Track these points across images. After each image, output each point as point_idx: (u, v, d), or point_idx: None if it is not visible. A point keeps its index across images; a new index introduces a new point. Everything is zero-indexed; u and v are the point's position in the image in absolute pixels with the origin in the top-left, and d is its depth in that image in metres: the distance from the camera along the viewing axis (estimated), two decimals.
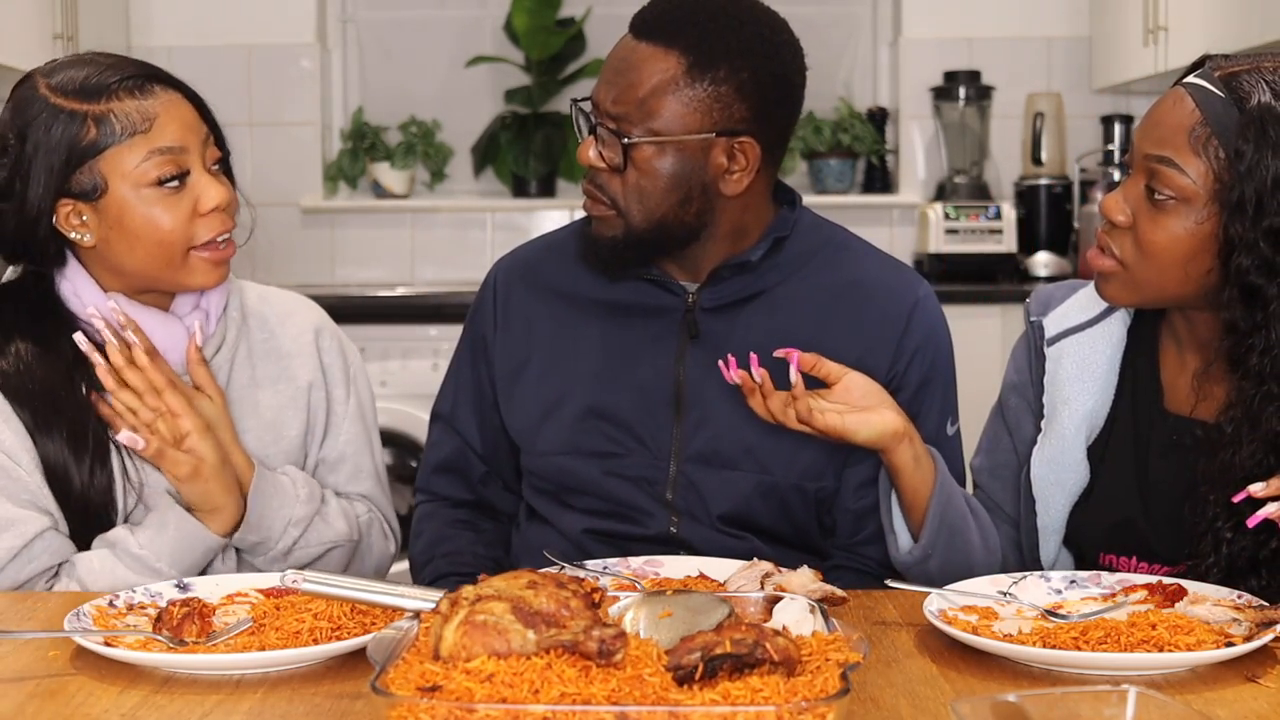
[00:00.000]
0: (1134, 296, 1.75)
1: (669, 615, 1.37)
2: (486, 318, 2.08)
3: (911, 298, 1.99)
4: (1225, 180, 1.64)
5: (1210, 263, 1.67)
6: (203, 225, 1.86)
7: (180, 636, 1.51)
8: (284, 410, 2.00)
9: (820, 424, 1.75)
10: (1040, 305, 1.91)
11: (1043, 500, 1.85)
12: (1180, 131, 1.66)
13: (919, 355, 1.97)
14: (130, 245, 1.85)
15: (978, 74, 5.04)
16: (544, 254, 2.09)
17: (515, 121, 5.08)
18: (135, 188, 1.83)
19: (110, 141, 1.82)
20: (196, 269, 1.87)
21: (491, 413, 2.07)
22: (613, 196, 1.89)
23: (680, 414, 1.95)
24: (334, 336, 2.10)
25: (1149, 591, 1.63)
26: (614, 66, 1.88)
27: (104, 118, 1.82)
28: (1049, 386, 1.87)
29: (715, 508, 1.94)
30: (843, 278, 1.99)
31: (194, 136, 1.86)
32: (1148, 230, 1.69)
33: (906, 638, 1.56)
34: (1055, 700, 1.18)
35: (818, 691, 1.19)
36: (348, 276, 5.14)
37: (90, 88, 1.83)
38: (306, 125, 5.09)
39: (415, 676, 1.21)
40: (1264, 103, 1.63)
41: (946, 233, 4.86)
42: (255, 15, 5.05)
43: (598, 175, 1.90)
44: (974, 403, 4.98)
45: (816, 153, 5.10)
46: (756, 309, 1.97)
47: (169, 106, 1.85)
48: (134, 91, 1.83)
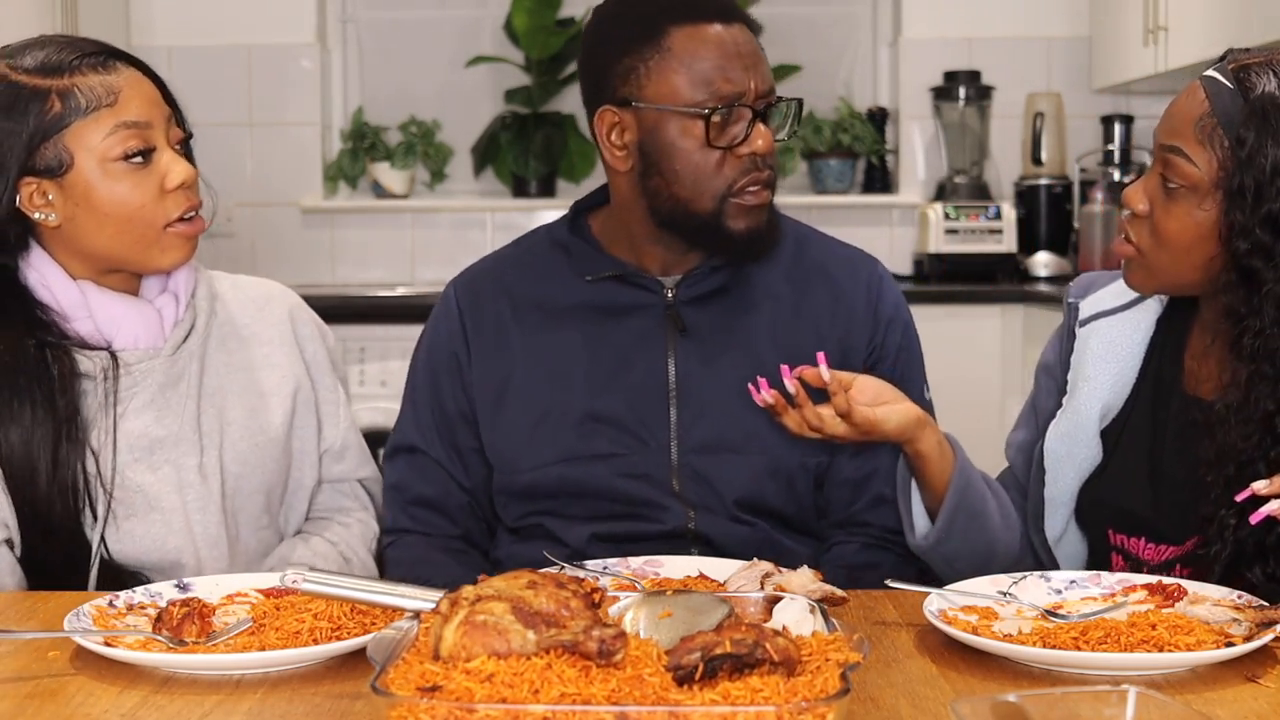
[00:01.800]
0: (1154, 283, 1.81)
1: (669, 615, 1.37)
2: (454, 337, 2.04)
3: (874, 272, 2.06)
4: (1228, 168, 1.68)
5: (1215, 249, 1.72)
6: (171, 201, 1.84)
7: (180, 636, 1.51)
8: (268, 398, 1.98)
9: (856, 417, 1.76)
10: (1081, 289, 1.96)
11: (1052, 471, 1.89)
12: (1189, 122, 1.71)
13: (893, 323, 2.03)
14: (99, 223, 1.83)
15: (978, 74, 5.04)
16: (502, 267, 2.08)
17: (515, 121, 5.08)
18: (101, 163, 1.81)
19: (75, 116, 1.80)
20: (169, 246, 1.86)
21: (469, 437, 2.02)
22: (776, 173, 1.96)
23: (678, 407, 1.96)
24: (310, 322, 2.07)
25: (1149, 591, 1.63)
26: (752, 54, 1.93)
27: (68, 92, 1.80)
28: (1074, 364, 1.91)
29: (730, 493, 1.95)
30: (808, 263, 2.03)
31: (158, 113, 1.85)
32: (1162, 218, 1.74)
33: (906, 638, 1.56)
34: (1055, 700, 1.18)
35: (818, 691, 1.19)
36: (348, 276, 5.14)
37: (52, 65, 1.82)
38: (306, 125, 5.10)
39: (415, 676, 1.20)
40: (1268, 92, 1.68)
41: (946, 233, 4.86)
42: (255, 15, 5.05)
43: (769, 158, 1.94)
44: (974, 402, 4.97)
45: (816, 153, 5.10)
46: (736, 299, 1.99)
47: (132, 82, 1.84)
48: (97, 67, 1.82)
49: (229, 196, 1.97)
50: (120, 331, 1.88)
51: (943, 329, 4.45)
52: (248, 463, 1.94)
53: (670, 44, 1.90)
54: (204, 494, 1.89)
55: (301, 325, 2.05)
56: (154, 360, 1.89)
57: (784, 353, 1.96)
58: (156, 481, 1.87)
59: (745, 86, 1.90)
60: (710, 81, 1.89)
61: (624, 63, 1.92)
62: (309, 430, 2.02)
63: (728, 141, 1.90)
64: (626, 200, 1.98)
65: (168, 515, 1.87)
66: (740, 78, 1.89)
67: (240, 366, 1.97)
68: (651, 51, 1.90)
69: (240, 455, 1.93)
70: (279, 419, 1.98)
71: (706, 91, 1.89)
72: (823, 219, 5.16)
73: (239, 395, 1.95)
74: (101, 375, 1.85)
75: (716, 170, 1.90)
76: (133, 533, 1.86)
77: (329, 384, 2.05)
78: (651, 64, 1.90)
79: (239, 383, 1.96)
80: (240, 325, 2.00)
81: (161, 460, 1.88)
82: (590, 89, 1.98)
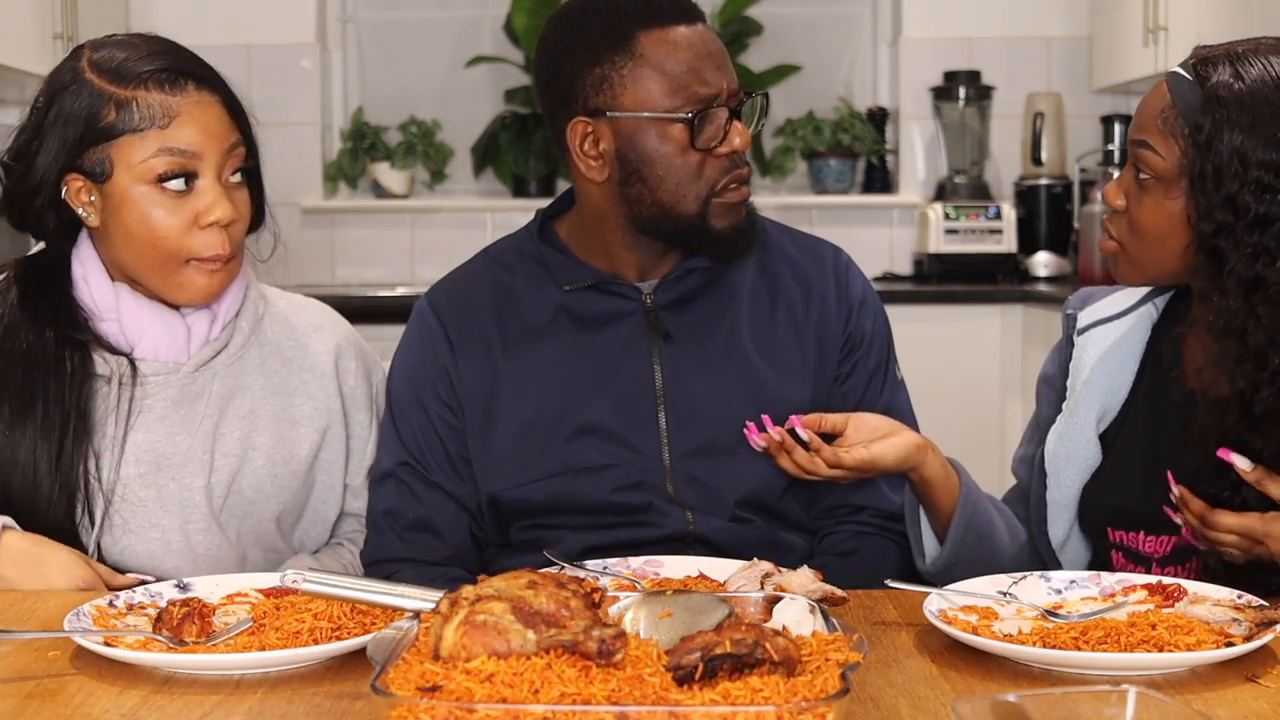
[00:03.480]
0: (1140, 275, 1.85)
1: (669, 615, 1.37)
2: (439, 348, 1.99)
3: (839, 259, 2.07)
4: (1189, 156, 1.74)
5: (1187, 236, 1.76)
6: (200, 239, 1.81)
7: (180, 636, 1.51)
8: (298, 427, 1.94)
9: (850, 461, 1.77)
10: (1079, 300, 2.00)
11: (1054, 475, 1.90)
12: (1153, 116, 1.77)
13: (864, 306, 2.05)
14: (126, 239, 1.82)
15: (978, 74, 5.04)
16: (474, 282, 2.04)
17: (515, 121, 5.08)
18: (138, 181, 1.79)
19: (126, 129, 1.78)
20: (188, 281, 1.82)
21: (460, 447, 1.97)
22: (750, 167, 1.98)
23: (666, 412, 1.95)
24: (357, 356, 2.02)
25: (1149, 591, 1.63)
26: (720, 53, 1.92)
27: (126, 104, 1.78)
28: (1073, 371, 1.94)
29: (732, 493, 1.94)
30: (776, 256, 2.04)
31: (214, 144, 1.81)
32: (1136, 211, 1.80)
33: (906, 638, 1.56)
34: (1055, 700, 1.17)
35: (818, 691, 1.19)
36: (348, 276, 5.14)
37: (123, 71, 1.80)
38: (306, 125, 5.10)
39: (415, 676, 1.21)
40: (1222, 80, 1.73)
41: (946, 233, 4.86)
42: (255, 15, 5.05)
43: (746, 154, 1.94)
44: (974, 401, 4.97)
45: (816, 153, 5.11)
46: (714, 300, 1.99)
47: (195, 107, 1.80)
48: (164, 85, 1.80)
49: None
50: (143, 340, 1.86)
51: (943, 329, 4.45)
52: (263, 491, 1.91)
53: (641, 50, 1.88)
54: (207, 515, 1.87)
55: (346, 360, 2.01)
56: (171, 374, 1.87)
57: (765, 349, 1.97)
58: (159, 499, 1.86)
59: (719, 86, 1.89)
60: (686, 85, 1.88)
61: (594, 73, 1.89)
62: (336, 464, 1.99)
63: (707, 143, 1.89)
64: (600, 208, 1.96)
65: (167, 534, 1.86)
66: (714, 78, 1.89)
67: (276, 391, 1.94)
68: (623, 59, 1.88)
69: (258, 482, 1.91)
70: (305, 451, 1.95)
71: (684, 95, 1.88)
72: (823, 219, 5.17)
73: (269, 421, 1.92)
74: (117, 381, 1.84)
75: (698, 172, 1.90)
76: (131, 547, 1.85)
77: (363, 420, 2.02)
78: (625, 72, 1.89)
79: (271, 408, 1.93)
80: (284, 349, 1.97)
81: (167, 478, 1.86)
82: (556, 101, 1.94)
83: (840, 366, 2.01)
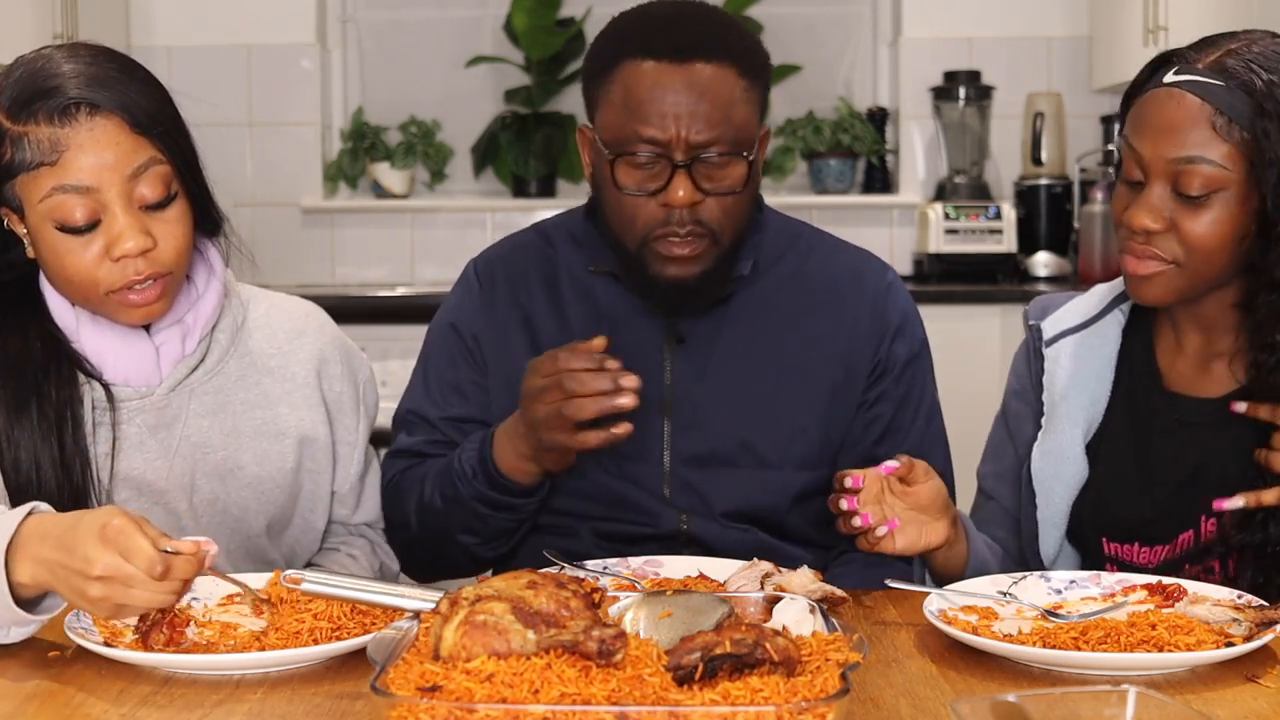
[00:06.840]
0: (1179, 294, 1.78)
1: (669, 615, 1.37)
2: (475, 313, 2.02)
3: (882, 283, 2.02)
4: (1255, 161, 1.70)
5: (1251, 236, 1.73)
6: (115, 270, 1.70)
7: (147, 644, 1.49)
8: (281, 439, 1.88)
9: (887, 549, 1.72)
10: (1039, 310, 1.97)
11: (1043, 493, 1.88)
12: (1199, 127, 1.71)
13: (901, 333, 2.01)
14: (50, 272, 1.75)
15: (978, 74, 5.04)
16: (520, 253, 2.06)
17: (515, 121, 5.08)
18: (43, 220, 1.70)
19: (21, 167, 1.68)
20: (116, 312, 1.74)
21: (482, 410, 2.00)
22: (713, 228, 1.86)
23: (669, 416, 1.95)
24: (341, 360, 1.96)
25: (1149, 591, 1.63)
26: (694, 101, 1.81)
27: (18, 140, 1.68)
28: (1048, 385, 1.91)
29: (719, 505, 1.94)
30: (814, 273, 2.01)
31: (112, 174, 1.68)
32: (1191, 227, 1.73)
33: (906, 638, 1.56)
34: (1055, 700, 1.18)
35: (818, 691, 1.19)
36: (348, 276, 5.14)
37: (19, 102, 1.68)
38: (306, 125, 5.09)
39: (415, 676, 1.21)
40: (1268, 80, 1.70)
41: (946, 233, 4.86)
42: (255, 15, 5.04)
43: (699, 211, 1.84)
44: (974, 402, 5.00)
45: (816, 153, 5.10)
46: (736, 310, 1.98)
47: (89, 139, 1.67)
48: (52, 117, 1.67)
49: (229, 196, 1.91)
50: (108, 366, 1.79)
51: (943, 329, 4.43)
52: (249, 507, 1.87)
53: (616, 77, 1.86)
54: (195, 532, 1.79)
55: (330, 365, 1.94)
56: (145, 399, 1.80)
57: (781, 365, 1.95)
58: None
59: (668, 134, 1.81)
60: (627, 123, 1.83)
61: (590, 86, 1.92)
62: (322, 474, 1.93)
63: (636, 187, 1.84)
64: None
65: None
66: (663, 124, 1.81)
67: (258, 404, 1.87)
68: (604, 82, 1.88)
69: (244, 499, 1.86)
70: (290, 463, 1.89)
71: (624, 132, 1.83)
72: (823, 219, 5.16)
73: (252, 437, 1.86)
74: (92, 406, 1.78)
75: (633, 214, 1.86)
76: None
77: (350, 424, 1.95)
78: (600, 94, 1.89)
79: (254, 423, 1.86)
80: (266, 357, 1.90)
81: (149, 503, 1.81)
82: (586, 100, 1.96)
83: (866, 393, 1.98)
